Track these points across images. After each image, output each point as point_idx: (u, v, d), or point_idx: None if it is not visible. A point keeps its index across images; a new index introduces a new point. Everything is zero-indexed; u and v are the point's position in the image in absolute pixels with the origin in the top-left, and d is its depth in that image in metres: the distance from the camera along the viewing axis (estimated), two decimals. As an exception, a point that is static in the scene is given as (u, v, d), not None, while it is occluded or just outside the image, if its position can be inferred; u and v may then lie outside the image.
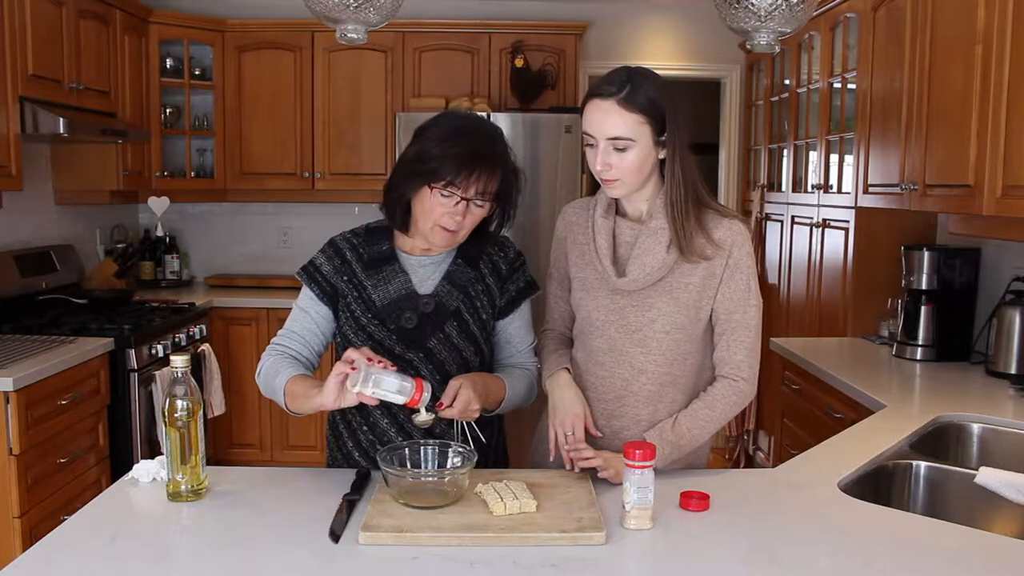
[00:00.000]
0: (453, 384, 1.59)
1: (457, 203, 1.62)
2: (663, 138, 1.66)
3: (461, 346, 1.72)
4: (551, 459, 1.72)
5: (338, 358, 1.75)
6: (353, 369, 1.49)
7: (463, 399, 1.57)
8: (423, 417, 1.59)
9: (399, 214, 1.71)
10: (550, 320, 1.90)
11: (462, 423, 1.64)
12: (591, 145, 1.67)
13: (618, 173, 1.65)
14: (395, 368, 1.53)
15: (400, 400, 1.52)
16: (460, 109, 1.78)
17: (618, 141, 1.63)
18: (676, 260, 1.69)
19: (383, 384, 1.49)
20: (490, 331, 1.78)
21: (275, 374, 1.70)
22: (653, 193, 1.72)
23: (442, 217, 1.64)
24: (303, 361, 1.76)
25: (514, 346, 1.82)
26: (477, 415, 1.61)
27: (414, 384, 1.51)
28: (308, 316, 1.77)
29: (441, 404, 1.58)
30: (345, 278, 1.75)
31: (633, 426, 1.74)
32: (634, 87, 1.62)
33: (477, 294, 1.75)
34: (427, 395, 1.53)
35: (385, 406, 1.72)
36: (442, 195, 1.62)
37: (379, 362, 1.51)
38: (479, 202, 1.64)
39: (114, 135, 3.76)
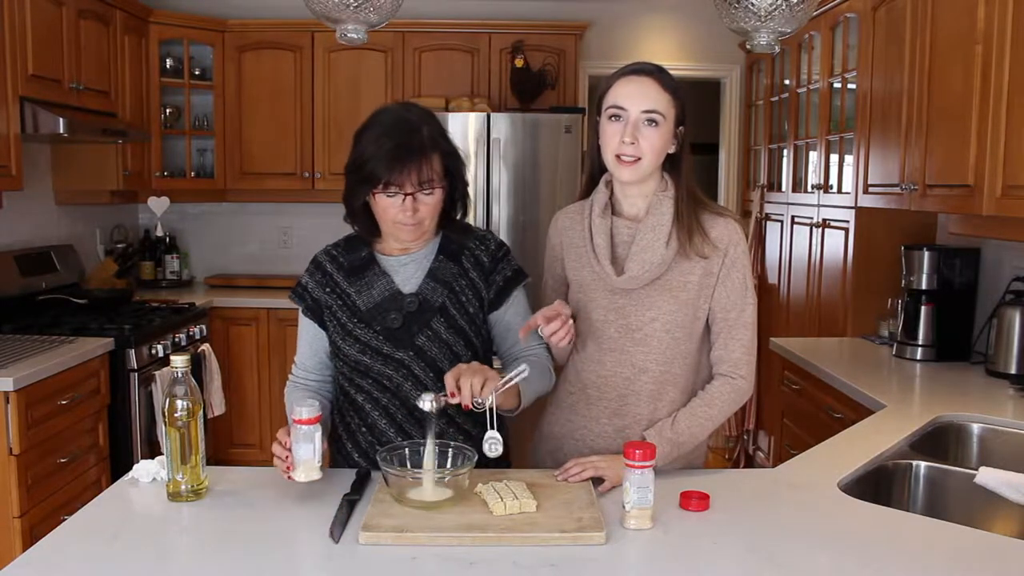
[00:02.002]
0: (448, 376, 1.55)
1: (404, 199, 1.64)
2: (680, 129, 1.71)
3: (451, 341, 1.72)
4: (539, 330, 1.66)
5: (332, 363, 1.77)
6: (289, 474, 1.53)
7: (466, 380, 1.52)
8: (427, 407, 1.55)
9: (362, 222, 1.74)
10: None
11: (487, 403, 1.55)
12: (616, 118, 1.68)
13: (642, 151, 1.66)
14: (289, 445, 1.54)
15: (317, 449, 1.52)
16: (392, 104, 1.78)
17: (652, 114, 1.66)
18: (675, 257, 1.70)
19: (305, 458, 1.51)
20: (480, 324, 1.78)
21: (289, 411, 1.75)
22: (652, 190, 1.73)
23: (396, 215, 1.65)
24: (313, 385, 1.82)
25: (514, 333, 1.79)
26: (490, 389, 1.53)
27: (314, 431, 1.51)
28: (305, 341, 1.82)
29: (453, 394, 1.53)
30: (327, 289, 1.77)
31: (635, 424, 1.75)
32: (664, 73, 1.70)
33: (462, 289, 1.75)
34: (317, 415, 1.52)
35: (382, 407, 1.73)
36: (387, 196, 1.64)
37: (287, 457, 1.53)
38: (426, 191, 1.65)
39: (114, 135, 3.76)
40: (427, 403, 1.54)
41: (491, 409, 1.55)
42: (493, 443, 1.56)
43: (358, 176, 1.65)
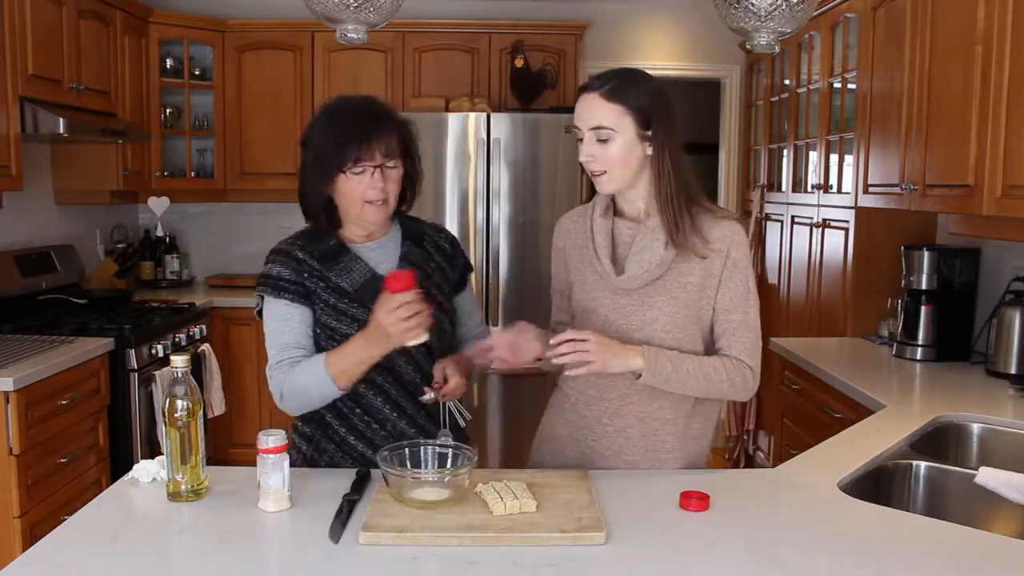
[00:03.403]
0: (438, 367, 1.68)
1: (372, 174, 1.69)
2: (649, 133, 1.68)
3: (438, 318, 1.75)
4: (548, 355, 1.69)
5: (320, 350, 1.75)
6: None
7: (453, 380, 1.68)
8: (427, 398, 1.70)
9: (324, 216, 1.77)
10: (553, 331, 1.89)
11: (449, 405, 1.73)
12: (580, 139, 1.72)
13: (603, 165, 1.69)
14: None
15: (286, 478, 1.54)
16: (327, 101, 1.84)
17: (600, 131, 1.67)
18: (674, 258, 1.69)
19: (275, 487, 1.52)
20: (450, 306, 1.86)
21: (303, 371, 1.69)
22: (648, 191, 1.73)
23: (366, 192, 1.70)
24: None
25: (469, 317, 1.93)
26: (464, 391, 1.72)
27: (281, 460, 1.53)
28: (293, 321, 1.74)
29: (439, 384, 1.69)
30: (306, 275, 1.76)
31: (636, 424, 1.74)
32: (619, 82, 1.69)
33: (432, 271, 1.82)
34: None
35: (377, 386, 1.75)
36: (355, 174, 1.69)
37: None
38: (390, 163, 1.71)
39: (114, 135, 3.76)
40: (429, 396, 1.69)
41: (449, 411, 1.73)
42: (444, 438, 1.68)
43: (322, 166, 1.70)
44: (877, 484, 1.88)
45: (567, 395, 1.84)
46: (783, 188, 4.31)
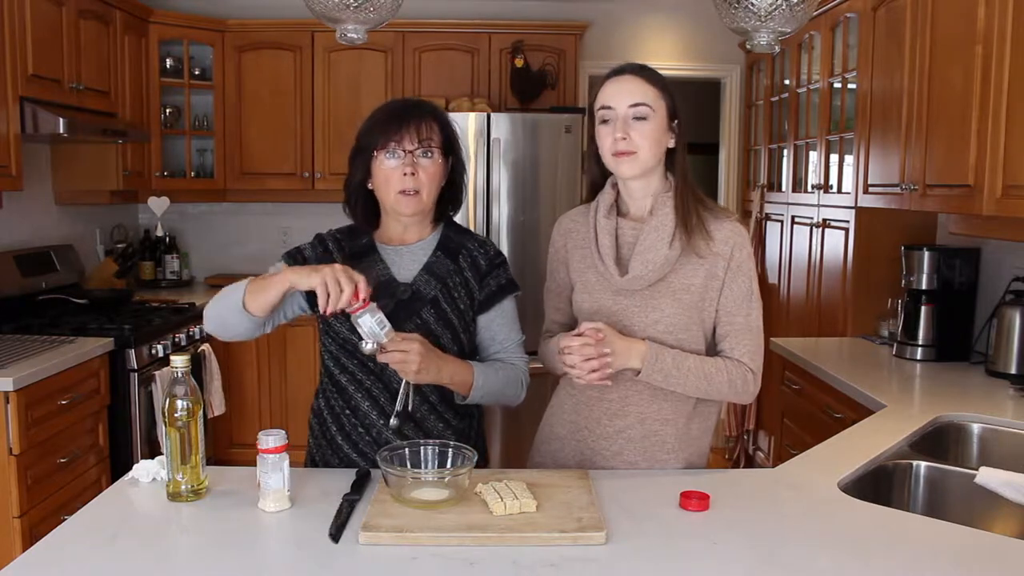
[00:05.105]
0: (401, 336, 1.60)
1: (404, 159, 1.69)
2: (674, 124, 1.72)
3: (438, 332, 1.74)
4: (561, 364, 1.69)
5: (319, 341, 1.82)
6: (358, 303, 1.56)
7: (402, 350, 1.59)
8: (368, 348, 1.60)
9: (362, 210, 1.79)
10: (549, 331, 1.89)
11: (406, 382, 1.66)
12: (607, 121, 1.70)
13: (636, 144, 1.68)
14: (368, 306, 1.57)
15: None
16: None
17: (640, 108, 1.68)
18: (678, 257, 1.70)
19: (275, 487, 1.51)
20: (469, 322, 1.79)
21: (234, 286, 1.75)
22: (657, 190, 1.73)
23: (398, 181, 1.70)
24: None
25: (499, 343, 1.83)
26: (412, 376, 1.62)
27: (281, 460, 1.52)
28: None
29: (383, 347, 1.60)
30: None
31: (637, 424, 1.74)
32: (648, 70, 1.73)
33: (455, 285, 1.78)
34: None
35: (365, 389, 1.75)
36: (387, 159, 1.70)
37: (363, 303, 1.57)
38: (425, 151, 1.71)
39: (114, 135, 3.76)
40: (370, 346, 1.59)
41: (405, 395, 1.67)
42: (394, 422, 1.69)
43: (360, 152, 1.73)
44: (877, 484, 1.88)
45: (567, 396, 1.84)
46: (783, 188, 4.31)
